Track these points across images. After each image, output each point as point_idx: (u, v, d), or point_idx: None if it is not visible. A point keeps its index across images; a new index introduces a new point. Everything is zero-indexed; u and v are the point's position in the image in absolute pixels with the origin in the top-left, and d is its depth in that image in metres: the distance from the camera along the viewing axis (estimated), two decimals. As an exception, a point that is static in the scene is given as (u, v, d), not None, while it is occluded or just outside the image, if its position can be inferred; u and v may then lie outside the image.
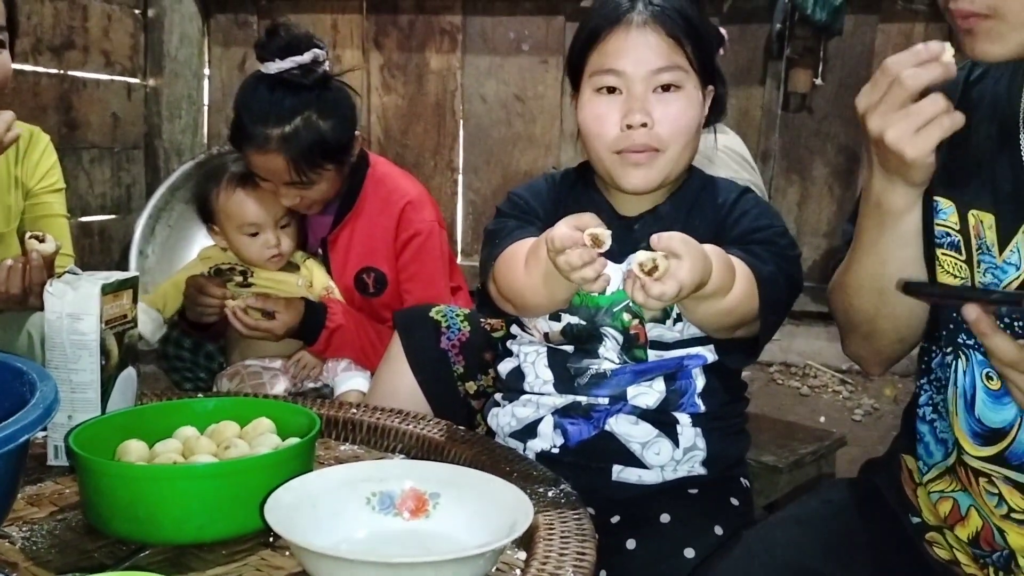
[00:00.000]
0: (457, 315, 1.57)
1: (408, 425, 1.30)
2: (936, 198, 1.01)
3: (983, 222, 0.97)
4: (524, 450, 1.28)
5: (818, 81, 3.21)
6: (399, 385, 1.53)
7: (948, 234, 1.01)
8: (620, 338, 1.25)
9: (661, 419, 1.24)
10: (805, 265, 1.22)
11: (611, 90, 1.19)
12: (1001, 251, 0.95)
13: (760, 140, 3.37)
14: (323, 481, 0.94)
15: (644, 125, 1.16)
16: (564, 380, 1.28)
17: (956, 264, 1.00)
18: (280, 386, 1.83)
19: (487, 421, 1.38)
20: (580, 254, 0.98)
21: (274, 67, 1.74)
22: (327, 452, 1.25)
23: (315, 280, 1.92)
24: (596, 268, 0.99)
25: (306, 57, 1.74)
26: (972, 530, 0.99)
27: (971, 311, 0.83)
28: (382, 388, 1.57)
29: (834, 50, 3.29)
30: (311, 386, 1.88)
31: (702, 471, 1.25)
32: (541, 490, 1.07)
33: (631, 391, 1.24)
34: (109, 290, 1.14)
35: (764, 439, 2.05)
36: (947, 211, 1.01)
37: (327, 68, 1.80)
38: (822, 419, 2.94)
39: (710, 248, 1.06)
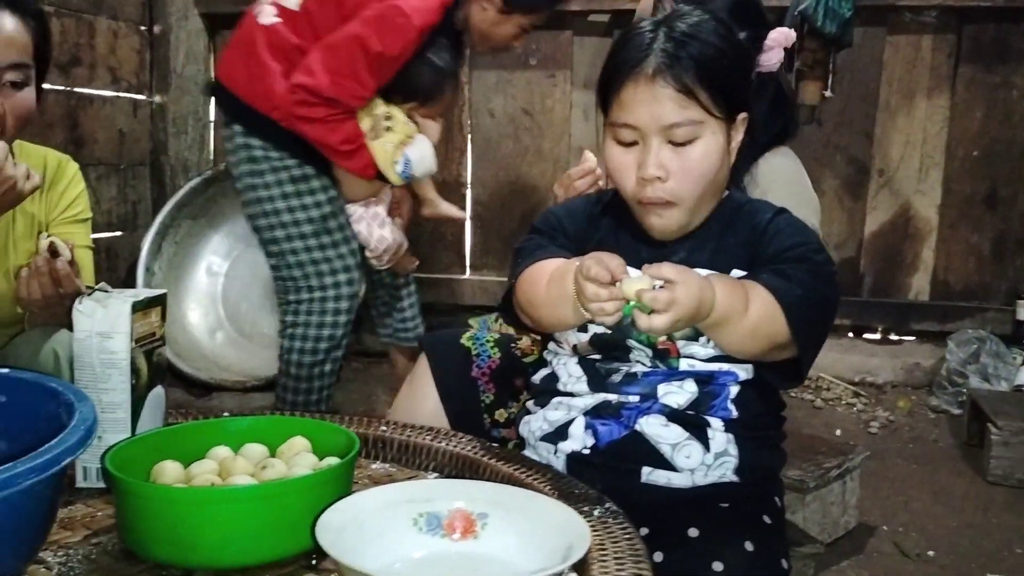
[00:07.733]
0: (487, 341, 1.55)
1: (440, 442, 1.27)
2: None
3: None
4: (555, 452, 1.26)
5: (828, 93, 3.20)
6: (421, 407, 1.51)
7: None
8: (649, 351, 1.24)
9: (692, 421, 1.22)
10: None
11: (629, 141, 1.20)
12: None
13: (770, 152, 3.36)
14: (370, 502, 0.91)
15: (659, 179, 1.18)
16: (596, 379, 1.27)
17: None
18: None
19: (519, 431, 1.36)
20: (606, 292, 1.07)
21: None
22: (359, 471, 1.22)
23: None
24: (614, 306, 1.07)
25: None
26: None
27: None
28: (403, 408, 1.54)
29: (843, 62, 3.29)
30: None
31: (734, 478, 1.22)
32: (586, 509, 1.04)
33: (661, 389, 1.22)
34: (139, 308, 1.11)
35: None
36: None
37: None
38: (838, 432, 2.91)
39: (713, 275, 1.13)
